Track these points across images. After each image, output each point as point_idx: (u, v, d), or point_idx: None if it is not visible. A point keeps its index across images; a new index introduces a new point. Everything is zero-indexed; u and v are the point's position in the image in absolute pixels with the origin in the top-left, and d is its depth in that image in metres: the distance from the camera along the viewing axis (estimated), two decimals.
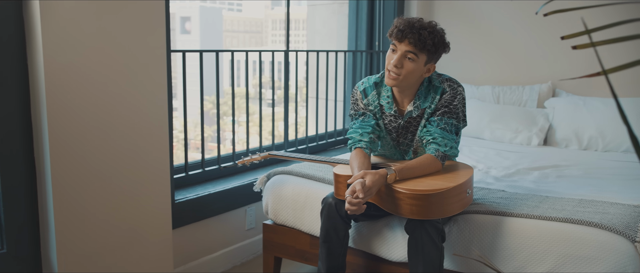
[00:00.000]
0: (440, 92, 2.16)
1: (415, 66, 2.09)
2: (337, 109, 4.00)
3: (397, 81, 2.10)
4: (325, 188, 2.55)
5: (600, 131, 3.45)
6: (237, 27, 5.38)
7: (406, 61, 2.09)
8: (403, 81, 2.10)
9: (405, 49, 2.07)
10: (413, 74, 2.10)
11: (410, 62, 2.09)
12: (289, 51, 3.52)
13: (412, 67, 2.09)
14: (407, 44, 2.07)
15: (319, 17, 5.20)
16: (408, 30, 2.06)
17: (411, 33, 2.05)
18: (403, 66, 2.09)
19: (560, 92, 3.93)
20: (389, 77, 2.12)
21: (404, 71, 2.09)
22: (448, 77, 2.19)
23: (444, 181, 2.04)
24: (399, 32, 2.07)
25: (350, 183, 2.01)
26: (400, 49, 2.08)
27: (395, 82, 2.11)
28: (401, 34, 2.07)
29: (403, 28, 2.07)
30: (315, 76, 3.76)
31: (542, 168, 2.96)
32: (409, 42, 2.06)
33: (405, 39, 2.06)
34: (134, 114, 2.28)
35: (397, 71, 2.09)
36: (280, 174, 2.73)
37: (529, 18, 4.03)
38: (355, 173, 2.06)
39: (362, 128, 2.25)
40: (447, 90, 2.15)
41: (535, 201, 2.26)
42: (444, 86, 2.16)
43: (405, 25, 2.07)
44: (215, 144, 3.05)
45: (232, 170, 3.15)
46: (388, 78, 2.13)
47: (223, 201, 2.90)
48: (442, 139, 2.12)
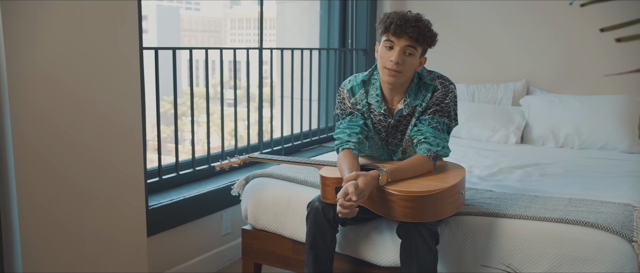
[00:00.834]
0: (431, 90, 2.09)
1: (414, 60, 2.03)
2: (312, 109, 3.90)
3: (398, 78, 2.03)
4: (308, 191, 2.44)
5: (576, 129, 3.45)
6: (196, 26, 5.24)
7: (404, 56, 2.02)
8: (403, 77, 2.04)
9: (405, 44, 2.00)
10: (411, 68, 2.04)
11: (409, 57, 2.02)
12: (263, 49, 3.40)
13: (411, 62, 2.03)
14: (406, 39, 2.00)
15: (289, 15, 5.09)
16: (406, 24, 1.99)
17: (410, 27, 1.98)
18: (404, 61, 2.01)
19: (534, 90, 3.93)
20: (389, 75, 2.04)
21: (406, 66, 2.02)
22: (439, 74, 2.12)
23: (437, 182, 1.97)
24: (398, 28, 1.99)
25: (343, 185, 1.92)
26: (399, 45, 2.01)
27: (396, 79, 2.03)
28: (400, 29, 1.99)
29: (401, 23, 1.99)
30: (290, 75, 3.65)
31: (524, 167, 2.94)
32: (409, 36, 1.99)
33: (404, 34, 1.99)
34: (105, 115, 2.13)
35: (398, 68, 2.01)
36: (259, 177, 2.61)
37: (501, 16, 4.02)
38: (345, 175, 1.97)
39: (349, 127, 2.15)
40: (438, 88, 2.08)
41: (526, 201, 2.22)
42: (435, 84, 2.09)
43: (402, 20, 2.00)
44: (174, 146, 2.91)
45: (207, 173, 3.02)
46: (388, 76, 2.04)
47: (198, 206, 2.77)
48: (434, 139, 2.04)
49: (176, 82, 2.77)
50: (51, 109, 1.92)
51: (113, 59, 2.14)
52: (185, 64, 2.75)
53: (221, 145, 3.07)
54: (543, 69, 3.94)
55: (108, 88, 2.13)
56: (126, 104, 2.22)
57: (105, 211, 2.17)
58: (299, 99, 3.91)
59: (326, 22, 4.44)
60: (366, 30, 4.24)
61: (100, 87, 2.10)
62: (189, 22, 5.07)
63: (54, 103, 1.93)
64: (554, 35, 3.87)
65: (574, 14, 3.78)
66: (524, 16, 3.95)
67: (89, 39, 2.02)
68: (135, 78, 2.25)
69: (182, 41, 5.24)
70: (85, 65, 2.02)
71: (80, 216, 2.08)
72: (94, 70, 2.06)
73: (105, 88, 2.11)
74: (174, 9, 4.83)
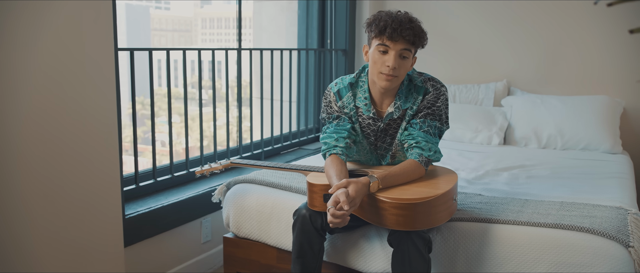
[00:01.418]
0: (422, 93, 2.02)
1: (408, 63, 1.97)
2: (292, 110, 3.81)
3: (394, 82, 1.96)
4: (293, 197, 2.36)
5: (559, 130, 3.44)
6: (166, 25, 5.10)
7: (401, 59, 1.95)
8: (397, 80, 1.97)
9: (401, 47, 1.92)
10: (405, 71, 1.98)
11: (405, 60, 1.95)
12: (242, 49, 3.30)
13: (406, 65, 1.96)
14: (402, 42, 1.92)
15: (266, 14, 4.98)
16: (401, 27, 1.90)
17: (406, 30, 1.90)
18: (399, 65, 1.94)
19: (515, 91, 3.91)
20: (386, 80, 1.95)
21: (402, 70, 1.95)
22: (430, 76, 2.05)
23: (429, 188, 1.90)
24: (394, 32, 1.90)
25: (332, 192, 1.84)
26: (394, 49, 1.92)
27: (392, 83, 1.96)
28: (396, 33, 1.90)
29: (396, 26, 1.91)
30: (269, 76, 3.55)
31: (510, 169, 2.90)
32: (405, 40, 1.91)
33: (400, 37, 1.91)
34: (78, 121, 2.01)
35: (395, 72, 1.94)
36: (241, 183, 2.51)
37: (482, 15, 3.99)
38: (334, 182, 1.89)
39: (337, 132, 2.07)
40: (430, 90, 2.01)
41: (517, 205, 2.17)
42: (426, 86, 2.02)
43: (396, 23, 1.91)
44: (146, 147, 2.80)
45: (185, 178, 2.90)
46: (385, 81, 1.96)
47: (177, 213, 2.65)
48: (425, 144, 1.98)
49: (152, 84, 2.65)
50: (20, 115, 1.80)
51: (86, 61, 2.02)
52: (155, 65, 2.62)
53: (200, 149, 2.95)
54: (523, 69, 3.93)
55: (81, 92, 2.01)
56: (100, 109, 2.10)
57: (79, 222, 2.05)
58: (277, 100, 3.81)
59: (304, 22, 4.36)
60: (345, 30, 4.17)
61: (73, 91, 1.97)
62: (159, 21, 4.92)
63: (23, 108, 1.80)
64: (534, 35, 3.86)
65: (554, 14, 3.77)
66: (504, 16, 3.93)
67: (60, 39, 1.90)
68: (110, 81, 2.13)
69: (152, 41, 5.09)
70: (56, 67, 1.90)
71: (53, 228, 1.95)
72: (67, 73, 1.94)
73: (78, 92, 1.99)
74: (143, 8, 4.67)
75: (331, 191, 1.84)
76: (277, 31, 4.94)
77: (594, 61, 3.71)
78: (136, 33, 5.35)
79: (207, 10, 5.43)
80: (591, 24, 3.68)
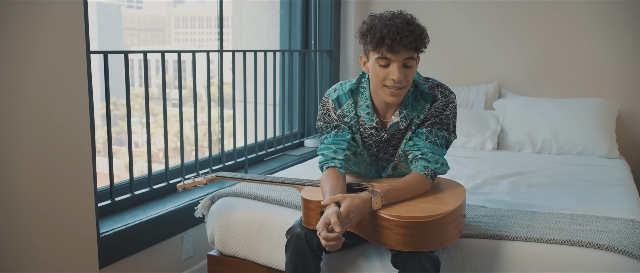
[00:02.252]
0: (430, 100, 1.86)
1: (414, 70, 1.79)
2: (276, 115, 3.63)
3: (402, 94, 1.78)
4: (284, 212, 2.18)
5: (554, 134, 3.32)
6: (138, 25, 4.93)
7: (406, 69, 1.76)
8: (406, 90, 1.79)
9: (404, 57, 1.73)
10: (412, 78, 1.80)
11: (410, 70, 1.76)
12: (224, 51, 3.11)
13: (413, 73, 1.78)
14: (405, 52, 1.72)
15: (247, 14, 4.79)
16: (399, 36, 1.69)
17: (405, 37, 1.70)
18: (405, 76, 1.75)
19: (506, 93, 3.79)
20: (391, 94, 1.77)
21: (408, 81, 1.77)
22: (437, 82, 1.89)
23: (436, 204, 1.74)
24: (393, 42, 1.69)
25: (323, 205, 1.67)
26: (397, 60, 1.73)
27: (400, 96, 1.78)
28: (396, 44, 1.70)
29: (394, 36, 1.69)
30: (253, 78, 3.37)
31: (508, 176, 2.77)
32: (407, 49, 1.71)
33: (401, 47, 1.71)
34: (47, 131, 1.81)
35: (402, 84, 1.75)
36: (227, 196, 2.32)
37: (471, 16, 3.87)
38: (327, 197, 1.72)
39: (335, 143, 1.90)
40: (438, 97, 1.85)
41: (525, 219, 2.03)
42: (434, 93, 1.86)
43: (394, 32, 1.70)
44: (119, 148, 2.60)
45: (164, 189, 2.70)
46: (391, 96, 1.77)
47: (157, 229, 2.45)
48: (432, 155, 1.82)
49: (129, 89, 2.44)
50: None
51: (56, 65, 1.82)
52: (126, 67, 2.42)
53: (180, 159, 2.75)
54: (515, 71, 3.81)
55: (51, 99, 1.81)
56: (72, 118, 1.91)
57: (50, 242, 1.86)
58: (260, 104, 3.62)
59: (287, 22, 4.18)
60: (330, 30, 4.00)
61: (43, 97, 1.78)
62: (131, 20, 4.73)
63: None
64: (525, 35, 3.74)
65: (546, 14, 3.66)
66: (494, 16, 3.81)
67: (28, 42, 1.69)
68: (82, 87, 1.94)
69: (124, 41, 4.91)
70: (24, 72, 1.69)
71: (20, 249, 1.75)
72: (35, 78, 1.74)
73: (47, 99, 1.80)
74: (114, 7, 4.48)
75: (322, 204, 1.68)
76: (258, 32, 4.75)
77: (587, 62, 3.61)
78: (107, 33, 5.19)
79: (181, 9, 5.29)
80: (584, 25, 3.58)
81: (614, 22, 3.50)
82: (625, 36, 3.49)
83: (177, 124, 2.76)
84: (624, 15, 3.48)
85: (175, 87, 3.73)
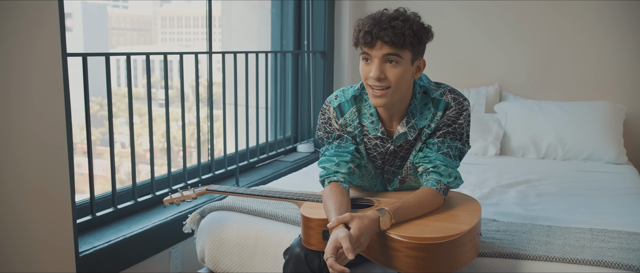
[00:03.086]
0: (443, 108, 1.69)
1: (402, 69, 1.59)
2: (268, 119, 3.45)
3: (387, 98, 1.60)
4: (280, 227, 2.01)
5: (559, 139, 3.18)
6: (124, 24, 4.81)
7: (388, 66, 1.59)
8: (394, 93, 1.61)
9: (383, 52, 1.57)
10: (403, 80, 1.60)
11: (394, 68, 1.58)
12: (213, 53, 2.93)
13: (399, 73, 1.59)
14: (382, 47, 1.57)
15: (236, 14, 4.61)
16: (377, 28, 1.56)
17: (382, 30, 1.55)
18: (387, 75, 1.59)
19: (507, 96, 3.65)
20: (374, 96, 1.61)
21: (392, 79, 1.59)
22: (450, 87, 1.72)
23: (451, 223, 1.58)
24: (367, 35, 1.57)
25: (330, 228, 1.50)
26: (375, 56, 1.58)
27: (386, 99, 1.60)
28: (370, 36, 1.56)
29: (370, 28, 1.57)
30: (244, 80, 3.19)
31: (515, 185, 2.62)
32: (383, 42, 1.56)
33: (377, 40, 1.57)
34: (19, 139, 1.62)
35: (383, 83, 1.59)
36: (218, 210, 2.15)
37: (471, 16, 3.72)
38: (332, 216, 1.55)
39: (338, 155, 1.73)
40: (452, 105, 1.68)
41: (542, 235, 1.88)
42: (447, 99, 1.69)
43: (371, 25, 1.57)
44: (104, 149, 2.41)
45: (149, 201, 2.52)
46: (373, 97, 1.62)
47: (142, 245, 2.27)
48: (445, 169, 1.65)
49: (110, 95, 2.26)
50: None
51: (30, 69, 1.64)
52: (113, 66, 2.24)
53: (167, 168, 2.57)
54: (516, 73, 3.67)
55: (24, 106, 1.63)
56: (46, 126, 1.73)
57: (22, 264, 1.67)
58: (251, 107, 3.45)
59: (279, 22, 4.01)
60: (324, 30, 3.83)
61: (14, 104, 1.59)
62: (116, 20, 4.60)
63: None
64: (527, 36, 3.60)
65: (548, 14, 3.53)
66: (495, 16, 3.66)
67: None
68: (57, 93, 1.76)
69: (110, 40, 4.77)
70: None
71: None
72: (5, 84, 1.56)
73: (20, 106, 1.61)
74: (100, 6, 4.35)
75: (329, 227, 1.51)
76: (248, 32, 4.57)
77: (591, 63, 3.48)
78: (93, 33, 5.07)
79: (167, 8, 5.18)
80: (587, 25, 3.45)
81: (616, 22, 3.37)
82: (629, 36, 3.36)
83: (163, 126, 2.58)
84: (627, 15, 3.35)
85: (161, 87, 3.56)
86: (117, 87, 3.96)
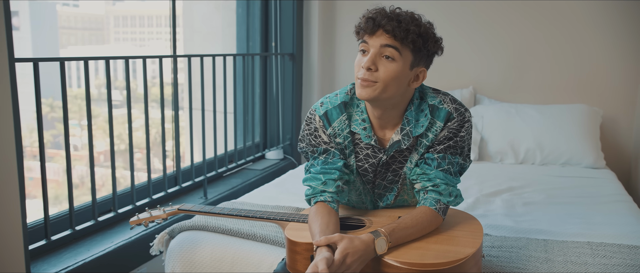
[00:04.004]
0: (444, 118, 1.54)
1: (398, 69, 1.44)
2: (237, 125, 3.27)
3: (373, 91, 1.45)
4: (260, 248, 1.84)
5: (538, 143, 3.11)
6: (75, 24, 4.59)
7: (383, 61, 1.45)
8: (382, 91, 1.45)
9: (382, 42, 1.44)
10: (396, 81, 1.45)
11: (389, 63, 1.44)
12: (178, 57, 2.73)
13: (392, 71, 1.44)
14: (382, 36, 1.44)
15: (199, 14, 4.39)
16: (381, 16, 1.44)
17: (387, 18, 1.43)
18: (378, 69, 1.45)
19: (482, 99, 3.56)
20: (360, 87, 1.47)
21: (383, 75, 1.44)
22: (450, 95, 1.58)
23: (452, 246, 1.45)
24: (370, 21, 1.44)
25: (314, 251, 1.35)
26: (373, 45, 1.45)
27: (370, 92, 1.45)
28: (373, 22, 1.44)
29: (374, 15, 1.45)
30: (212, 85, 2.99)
31: (499, 193, 2.52)
32: (385, 31, 1.43)
33: (378, 28, 1.44)
34: None
35: (372, 76, 1.44)
36: (190, 230, 1.96)
37: (444, 17, 3.62)
38: (316, 239, 1.39)
39: (325, 173, 1.57)
40: (454, 115, 1.55)
41: (540, 251, 1.77)
42: (449, 109, 1.55)
43: (376, 12, 1.46)
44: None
45: (110, 219, 2.30)
46: (359, 88, 1.47)
47: (104, 269, 2.06)
48: (445, 187, 1.51)
49: (66, 103, 2.04)
50: None
51: None
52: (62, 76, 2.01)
53: (131, 181, 2.36)
54: (491, 75, 3.59)
55: None
56: None
57: None
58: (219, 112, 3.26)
59: (245, 23, 3.83)
60: (292, 32, 3.67)
61: None
62: (67, 19, 4.37)
63: None
64: (501, 38, 3.53)
65: (523, 16, 3.46)
66: (469, 17, 3.58)
67: None
68: (4, 102, 1.54)
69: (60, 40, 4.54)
70: None
71: None
72: None
73: None
74: (50, 5, 4.11)
75: (315, 244, 1.36)
76: (211, 33, 4.37)
77: (566, 65, 3.43)
78: (42, 32, 4.81)
79: (120, 7, 4.96)
80: (563, 27, 3.40)
81: (590, 24, 3.33)
82: (603, 38, 3.33)
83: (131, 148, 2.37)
84: (601, 17, 3.31)
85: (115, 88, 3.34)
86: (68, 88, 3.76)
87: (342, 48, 3.84)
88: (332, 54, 3.89)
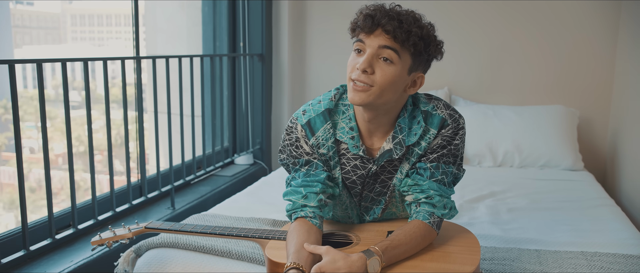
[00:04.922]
0: (438, 125, 1.43)
1: (396, 73, 1.33)
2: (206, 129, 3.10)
3: (367, 97, 1.33)
4: (235, 266, 1.70)
5: (516, 145, 3.04)
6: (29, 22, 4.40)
7: (380, 63, 1.33)
8: (378, 97, 1.34)
9: (380, 43, 1.32)
10: (393, 86, 1.34)
11: (387, 66, 1.33)
12: (141, 58, 2.55)
13: (389, 75, 1.32)
14: (381, 36, 1.32)
15: (162, 13, 4.20)
16: (381, 15, 1.32)
17: (387, 17, 1.31)
18: (375, 72, 1.33)
19: (457, 100, 3.49)
20: (353, 90, 1.34)
21: (379, 78, 1.32)
22: (443, 101, 1.47)
23: (449, 263, 1.34)
24: (368, 18, 1.32)
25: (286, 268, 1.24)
26: (370, 45, 1.33)
27: (364, 97, 1.33)
28: (371, 20, 1.32)
29: (373, 12, 1.33)
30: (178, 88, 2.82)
31: (482, 199, 2.44)
32: (384, 31, 1.32)
33: (377, 27, 1.32)
34: None
35: (367, 80, 1.32)
36: (158, 247, 1.80)
37: None
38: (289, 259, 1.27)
39: (306, 186, 1.43)
40: (448, 122, 1.43)
41: (532, 262, 1.68)
42: (443, 115, 1.44)
43: (376, 9, 1.34)
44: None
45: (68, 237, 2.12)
46: (353, 92, 1.34)
47: None
48: (439, 199, 1.40)
49: (17, 106, 1.85)
50: None
51: None
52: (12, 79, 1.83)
53: (92, 193, 2.18)
54: (466, 76, 3.52)
55: None
56: None
57: None
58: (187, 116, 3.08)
59: (211, 23, 3.66)
60: (261, 32, 3.52)
61: None
62: (21, 18, 4.17)
63: None
64: (476, 38, 3.46)
65: (497, 15, 3.40)
66: (443, 17, 3.50)
67: None
68: None
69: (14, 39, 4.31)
70: None
71: None
72: None
73: None
74: (2, 3, 3.92)
75: (285, 268, 1.24)
76: (176, 32, 4.18)
77: (542, 66, 3.38)
78: None
79: (77, 6, 4.78)
80: (538, 26, 3.35)
81: (565, 24, 3.29)
82: (578, 39, 3.29)
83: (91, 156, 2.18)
84: (576, 18, 3.28)
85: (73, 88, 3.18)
86: (23, 89, 3.55)
87: (313, 48, 3.71)
88: (303, 55, 3.76)
